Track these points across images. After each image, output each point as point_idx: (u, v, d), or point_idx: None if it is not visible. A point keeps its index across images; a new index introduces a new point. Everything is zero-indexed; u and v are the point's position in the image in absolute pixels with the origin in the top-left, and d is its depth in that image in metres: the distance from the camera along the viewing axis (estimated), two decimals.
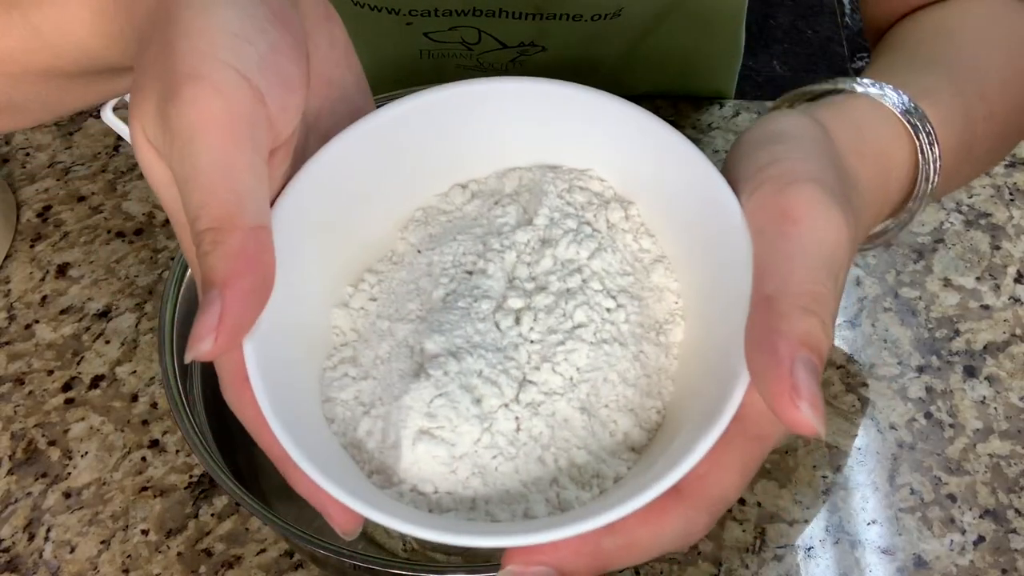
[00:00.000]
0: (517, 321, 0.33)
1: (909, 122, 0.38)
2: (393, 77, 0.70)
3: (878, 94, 0.38)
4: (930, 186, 0.39)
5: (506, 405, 0.32)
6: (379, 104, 0.36)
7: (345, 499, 0.29)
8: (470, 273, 0.34)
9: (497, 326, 0.33)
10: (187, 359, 0.28)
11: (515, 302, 0.33)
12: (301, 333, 0.33)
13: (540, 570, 0.29)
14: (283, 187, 0.33)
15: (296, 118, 0.31)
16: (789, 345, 0.28)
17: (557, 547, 0.29)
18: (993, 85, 0.44)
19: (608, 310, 0.34)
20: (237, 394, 0.31)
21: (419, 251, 0.36)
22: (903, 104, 0.38)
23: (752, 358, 0.29)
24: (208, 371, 0.50)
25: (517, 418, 0.32)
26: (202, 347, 0.27)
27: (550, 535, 0.28)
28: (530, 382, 0.32)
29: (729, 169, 0.33)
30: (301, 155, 0.34)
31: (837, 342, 0.59)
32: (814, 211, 0.30)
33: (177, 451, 0.56)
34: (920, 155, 0.38)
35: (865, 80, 0.39)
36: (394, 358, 0.33)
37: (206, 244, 0.28)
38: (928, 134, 0.38)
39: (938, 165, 0.38)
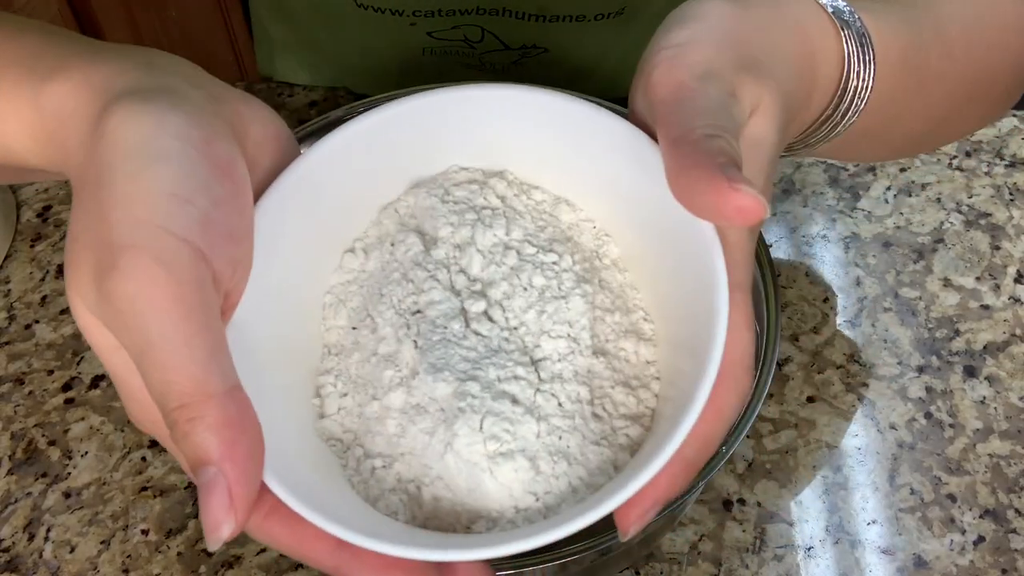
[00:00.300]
0: (491, 319, 0.34)
1: (836, 16, 0.38)
2: (396, 76, 0.70)
3: None
4: (863, 86, 0.38)
5: (538, 389, 0.32)
6: (380, 103, 0.36)
7: (469, 555, 0.28)
8: (419, 312, 0.34)
9: (478, 334, 0.33)
10: (212, 548, 0.27)
11: (477, 306, 0.34)
12: (307, 456, 0.33)
13: (653, 512, 0.30)
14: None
15: (247, 269, 0.31)
16: (708, 155, 0.29)
17: (655, 484, 0.29)
18: (954, 29, 0.44)
19: (555, 263, 0.35)
20: (262, 527, 0.30)
21: (353, 328, 0.35)
22: (833, 4, 0.38)
23: (677, 186, 0.30)
24: None
25: (553, 394, 0.32)
26: (224, 531, 0.26)
27: (651, 470, 0.28)
28: (540, 360, 0.33)
29: (645, 53, 0.34)
30: None
31: (838, 341, 0.59)
32: (695, 83, 0.31)
33: None
34: (845, 43, 0.38)
35: None
36: (409, 426, 0.33)
37: (183, 424, 0.26)
38: (860, 35, 0.38)
39: (871, 69, 0.38)
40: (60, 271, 0.65)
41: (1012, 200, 0.66)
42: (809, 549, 0.52)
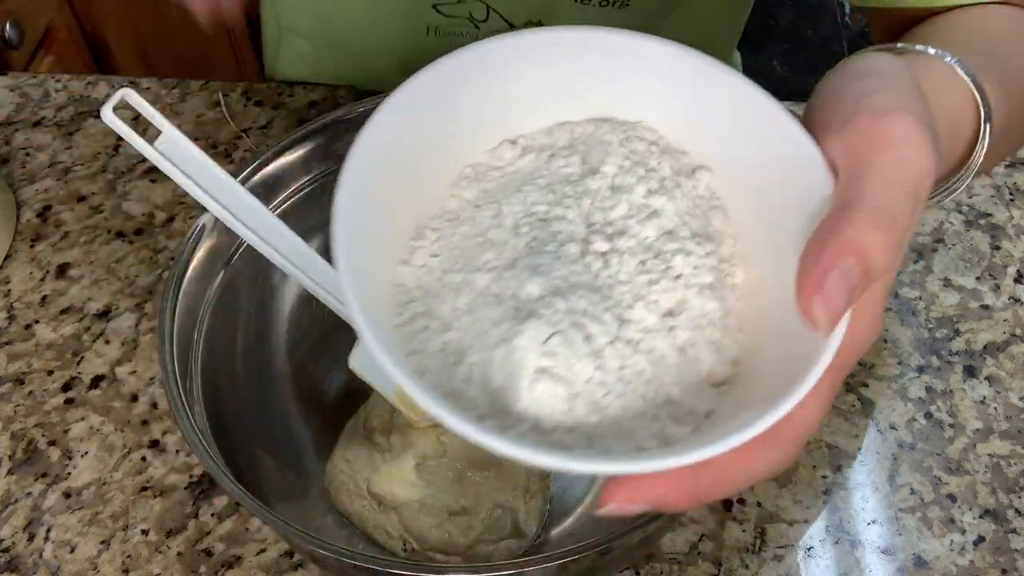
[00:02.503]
0: (606, 263, 0.34)
1: (977, 88, 0.39)
2: (399, 58, 0.71)
3: (951, 60, 0.39)
4: (983, 153, 0.40)
5: (612, 343, 0.32)
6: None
7: (473, 432, 0.28)
8: (545, 220, 0.34)
9: (588, 268, 0.34)
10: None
11: (601, 244, 0.34)
12: (380, 287, 0.33)
13: (640, 506, 0.29)
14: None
15: None
16: (839, 248, 0.28)
17: (659, 482, 0.29)
18: (1017, 81, 0.46)
19: (689, 252, 0.34)
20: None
21: (477, 206, 0.36)
22: (971, 74, 0.39)
23: (803, 253, 0.29)
24: (208, 371, 0.50)
25: (622, 355, 0.32)
26: None
27: (671, 461, 0.28)
28: (627, 320, 0.33)
29: (818, 102, 0.33)
30: None
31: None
32: (910, 138, 0.30)
33: (177, 451, 0.56)
34: (983, 123, 0.39)
35: (934, 47, 0.40)
36: (479, 308, 0.33)
37: None
38: (986, 105, 0.39)
39: (991, 137, 0.40)
40: (60, 271, 0.65)
41: (1012, 200, 0.66)
42: (809, 549, 0.52)
